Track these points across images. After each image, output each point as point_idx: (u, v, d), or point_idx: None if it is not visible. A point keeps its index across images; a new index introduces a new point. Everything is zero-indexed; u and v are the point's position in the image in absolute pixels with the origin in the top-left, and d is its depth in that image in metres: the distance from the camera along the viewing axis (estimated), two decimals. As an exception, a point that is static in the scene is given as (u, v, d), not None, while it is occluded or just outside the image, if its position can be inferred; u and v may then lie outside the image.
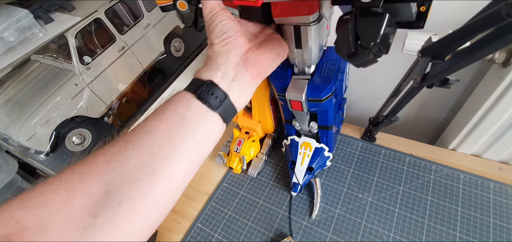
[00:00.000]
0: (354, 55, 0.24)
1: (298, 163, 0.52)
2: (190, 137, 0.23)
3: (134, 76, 0.65)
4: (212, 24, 0.27)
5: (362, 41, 0.23)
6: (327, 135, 0.49)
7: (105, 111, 0.60)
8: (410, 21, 0.24)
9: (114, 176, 0.20)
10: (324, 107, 0.41)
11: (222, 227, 0.53)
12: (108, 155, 0.21)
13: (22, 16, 0.49)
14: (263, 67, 0.29)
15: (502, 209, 0.45)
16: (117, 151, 0.21)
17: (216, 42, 0.27)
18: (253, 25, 0.32)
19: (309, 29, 0.33)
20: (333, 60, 0.41)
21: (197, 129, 0.24)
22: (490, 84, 0.46)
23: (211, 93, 0.25)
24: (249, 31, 0.31)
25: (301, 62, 0.39)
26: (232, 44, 0.27)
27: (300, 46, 0.35)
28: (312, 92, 0.39)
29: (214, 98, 0.25)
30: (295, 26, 0.33)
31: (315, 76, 0.40)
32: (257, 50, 0.29)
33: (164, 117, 0.23)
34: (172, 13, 0.36)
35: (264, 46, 0.29)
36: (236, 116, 0.58)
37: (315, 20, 0.31)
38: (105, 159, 0.20)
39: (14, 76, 0.57)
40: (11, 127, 0.50)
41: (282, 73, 0.42)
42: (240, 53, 0.27)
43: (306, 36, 0.33)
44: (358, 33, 0.23)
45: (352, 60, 0.25)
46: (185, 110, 0.24)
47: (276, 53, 0.30)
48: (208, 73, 0.26)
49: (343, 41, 0.25)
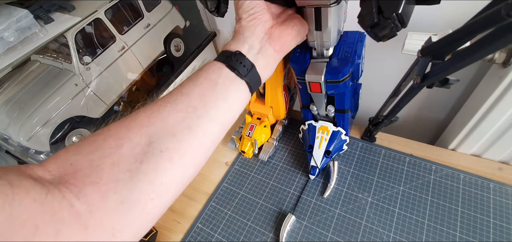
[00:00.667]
0: (377, 25, 0.27)
1: (315, 146, 0.53)
2: (222, 100, 0.26)
3: (134, 76, 0.65)
4: (241, 0, 0.29)
5: (385, 12, 0.26)
6: (344, 119, 0.51)
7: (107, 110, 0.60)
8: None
9: (155, 129, 0.22)
10: (342, 89, 0.43)
11: (222, 227, 0.53)
12: (149, 112, 0.23)
13: (22, 16, 0.49)
14: (285, 42, 0.32)
15: (502, 209, 0.45)
16: (157, 109, 0.24)
17: (244, 17, 0.29)
18: (276, 6, 0.34)
19: (329, 10, 0.34)
20: (350, 43, 0.42)
21: (228, 94, 0.27)
22: (490, 84, 0.47)
23: (240, 62, 0.28)
24: (272, 11, 0.33)
25: (320, 44, 0.40)
26: (258, 19, 0.29)
27: (319, 27, 0.37)
28: (331, 73, 0.40)
29: (242, 66, 0.28)
30: (316, 7, 0.34)
31: (333, 58, 0.41)
32: (280, 26, 0.31)
33: (198, 82, 0.26)
34: (172, 13, 0.37)
35: (286, 23, 0.32)
36: (248, 103, 0.60)
37: (335, 1, 0.33)
38: (147, 115, 0.23)
39: (14, 76, 0.57)
40: (11, 127, 0.50)
41: (301, 57, 0.43)
42: (265, 28, 0.30)
43: (326, 17, 0.35)
44: (381, 5, 0.26)
45: (374, 30, 0.28)
46: (216, 76, 0.26)
47: (297, 30, 0.33)
48: (236, 45, 0.29)
49: (367, 12, 0.27)
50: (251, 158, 0.62)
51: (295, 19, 0.33)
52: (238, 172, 0.61)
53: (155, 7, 0.66)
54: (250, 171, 0.60)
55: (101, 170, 0.20)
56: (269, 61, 0.30)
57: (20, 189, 0.16)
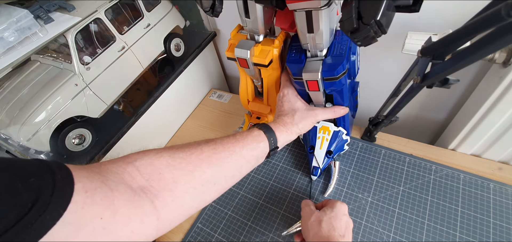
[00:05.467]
0: (356, 31, 0.28)
1: (317, 147, 0.53)
2: (255, 162, 0.40)
3: (134, 76, 0.65)
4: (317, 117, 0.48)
5: (364, 18, 0.27)
6: (344, 118, 0.51)
7: (106, 110, 0.60)
8: (408, 5, 0.28)
9: (217, 170, 0.34)
10: (339, 86, 0.43)
11: (222, 227, 0.53)
12: (216, 154, 0.34)
13: (22, 16, 0.49)
14: (305, 128, 0.46)
15: (502, 209, 0.45)
16: (220, 155, 0.35)
17: (300, 126, 0.46)
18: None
19: (320, 13, 0.34)
20: (344, 40, 0.43)
21: (260, 160, 0.41)
22: (490, 84, 0.46)
23: (274, 144, 0.41)
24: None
25: (313, 46, 0.41)
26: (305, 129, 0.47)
27: (311, 30, 0.37)
28: (327, 71, 0.41)
29: (273, 144, 0.41)
30: (307, 10, 0.35)
31: (328, 57, 0.42)
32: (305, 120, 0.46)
33: (248, 148, 0.38)
34: (172, 13, 0.38)
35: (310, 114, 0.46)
36: (247, 102, 0.61)
37: (325, 4, 0.33)
38: (215, 156, 0.34)
39: (14, 76, 0.57)
40: (11, 127, 0.50)
41: (297, 58, 0.44)
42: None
43: (317, 20, 0.35)
44: (361, 11, 0.27)
45: (354, 36, 0.28)
46: (259, 150, 0.40)
47: (315, 121, 0.48)
48: (278, 128, 0.43)
49: (347, 18, 0.28)
50: None
51: (317, 113, 0.47)
52: (238, 172, 0.61)
53: (155, 7, 0.66)
54: (250, 171, 0.60)
55: (178, 183, 0.30)
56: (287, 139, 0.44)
57: (118, 193, 0.24)
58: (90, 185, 0.23)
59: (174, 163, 0.30)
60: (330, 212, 0.40)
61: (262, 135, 0.40)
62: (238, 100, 0.64)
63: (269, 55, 0.46)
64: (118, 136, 0.60)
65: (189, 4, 0.77)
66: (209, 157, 0.33)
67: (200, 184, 0.32)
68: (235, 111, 0.78)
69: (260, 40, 0.47)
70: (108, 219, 0.23)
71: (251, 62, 0.47)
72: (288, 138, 0.43)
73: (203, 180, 0.32)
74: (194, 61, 0.76)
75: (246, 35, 0.49)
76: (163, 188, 0.28)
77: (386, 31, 0.27)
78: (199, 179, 0.32)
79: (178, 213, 0.30)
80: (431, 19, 0.48)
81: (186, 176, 0.31)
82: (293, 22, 0.43)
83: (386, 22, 0.26)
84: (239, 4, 0.42)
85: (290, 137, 0.43)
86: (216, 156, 0.34)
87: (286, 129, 0.43)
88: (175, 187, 0.29)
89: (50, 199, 0.19)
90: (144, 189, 0.27)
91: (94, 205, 0.22)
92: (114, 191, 0.24)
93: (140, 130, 0.65)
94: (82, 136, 0.57)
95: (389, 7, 0.26)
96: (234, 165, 0.36)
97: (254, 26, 0.44)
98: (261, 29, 0.45)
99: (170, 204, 0.29)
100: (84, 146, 0.57)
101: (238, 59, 0.47)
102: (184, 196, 0.30)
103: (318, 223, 0.39)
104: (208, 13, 0.42)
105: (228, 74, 0.97)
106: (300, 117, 0.45)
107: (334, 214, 0.39)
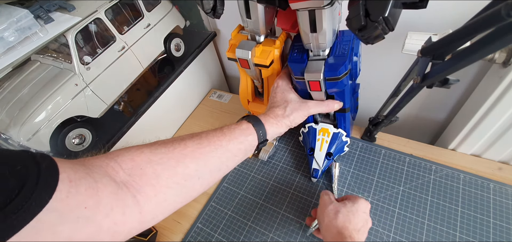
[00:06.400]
0: (364, 28, 0.28)
1: (317, 149, 0.53)
2: (243, 156, 0.39)
3: (134, 76, 0.65)
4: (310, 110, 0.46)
5: (372, 15, 0.27)
6: (344, 119, 0.51)
7: (106, 110, 0.60)
8: (415, 2, 0.27)
9: (201, 164, 0.33)
10: (341, 86, 0.43)
11: (222, 227, 0.53)
12: (200, 148, 0.34)
13: (22, 16, 0.49)
14: (295, 122, 0.44)
15: (502, 209, 0.45)
16: (205, 149, 0.34)
17: (291, 119, 0.44)
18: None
19: (323, 12, 0.34)
20: (347, 41, 0.43)
21: (249, 153, 0.39)
22: (490, 84, 0.46)
23: (262, 136, 0.40)
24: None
25: (316, 46, 0.40)
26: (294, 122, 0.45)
27: (314, 29, 0.37)
28: (329, 71, 0.41)
29: (262, 137, 0.40)
30: (310, 10, 0.35)
31: (330, 57, 0.42)
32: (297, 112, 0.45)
33: (235, 141, 0.37)
34: (172, 13, 0.38)
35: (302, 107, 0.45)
36: (247, 102, 0.61)
37: (328, 3, 0.33)
38: (199, 151, 0.33)
39: (14, 76, 0.57)
40: (11, 127, 0.50)
41: (299, 57, 0.43)
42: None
43: (320, 19, 0.35)
44: (368, 8, 0.27)
45: (362, 33, 0.28)
46: (247, 143, 0.38)
47: (306, 115, 0.46)
48: (268, 120, 0.42)
49: (355, 16, 0.28)
50: (251, 158, 0.62)
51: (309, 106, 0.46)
52: (238, 172, 0.61)
53: (155, 7, 0.66)
54: (250, 171, 0.60)
55: (160, 178, 0.30)
56: (277, 131, 0.43)
57: (102, 184, 0.25)
58: (75, 176, 0.23)
59: (156, 159, 0.30)
60: (350, 206, 0.39)
61: (250, 128, 0.39)
62: (238, 100, 0.64)
63: (270, 56, 0.46)
64: (118, 136, 0.60)
65: (189, 4, 0.77)
66: (192, 151, 0.33)
67: (183, 179, 0.32)
68: (235, 111, 0.78)
69: (261, 40, 0.47)
70: (92, 209, 0.23)
71: (252, 62, 0.47)
72: (278, 131, 0.42)
73: (186, 174, 0.32)
74: (194, 61, 0.76)
75: (246, 35, 0.49)
76: (145, 183, 0.29)
77: (394, 28, 0.27)
78: (182, 174, 0.31)
79: (162, 208, 0.31)
80: (431, 19, 0.49)
81: (168, 171, 0.30)
82: (294, 23, 0.43)
83: (393, 19, 0.26)
84: (240, 4, 0.42)
85: (280, 130, 0.43)
86: (200, 150, 0.34)
87: (277, 121, 0.42)
88: (157, 182, 0.29)
89: (35, 187, 0.20)
90: (126, 183, 0.28)
91: (78, 195, 0.22)
92: (98, 182, 0.25)
93: (140, 130, 0.65)
94: (82, 136, 0.57)
95: (396, 4, 0.26)
96: (220, 159, 0.35)
97: (255, 27, 0.44)
98: (262, 29, 0.45)
99: (152, 199, 0.29)
100: (84, 146, 0.57)
101: (239, 59, 0.47)
102: (167, 191, 0.30)
103: (335, 213, 0.39)
104: (209, 15, 0.42)
105: (228, 74, 0.97)
106: (291, 109, 0.44)
107: (355, 208, 0.39)
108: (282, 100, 0.45)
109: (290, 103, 0.44)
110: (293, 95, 0.46)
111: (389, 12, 0.25)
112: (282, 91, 0.46)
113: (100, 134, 0.60)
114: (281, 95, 0.45)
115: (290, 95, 0.45)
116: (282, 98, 0.45)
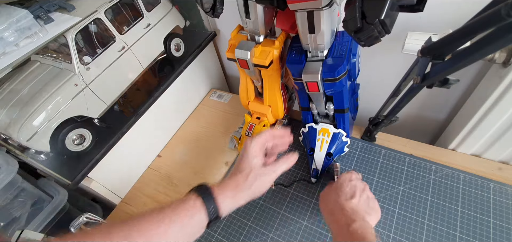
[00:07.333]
0: (360, 30, 0.28)
1: (317, 149, 0.53)
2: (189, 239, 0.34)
3: (134, 76, 0.65)
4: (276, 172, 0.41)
5: (368, 17, 0.26)
6: (344, 120, 0.51)
7: (106, 110, 0.60)
8: (412, 5, 0.27)
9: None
10: (339, 87, 0.43)
11: (222, 227, 0.53)
12: (148, 230, 0.31)
13: (22, 16, 0.49)
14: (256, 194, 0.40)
15: (502, 209, 0.45)
16: (156, 231, 0.31)
17: (256, 192, 0.40)
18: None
19: (321, 13, 0.34)
20: (345, 42, 0.42)
21: (196, 231, 0.35)
22: (490, 84, 0.46)
23: (214, 212, 0.35)
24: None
25: (314, 47, 0.40)
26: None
27: (313, 30, 0.37)
28: (327, 72, 0.41)
29: (213, 213, 0.35)
30: (308, 11, 0.35)
31: (328, 58, 0.42)
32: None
33: (180, 223, 0.33)
34: (172, 13, 0.37)
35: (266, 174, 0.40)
36: (247, 102, 0.61)
37: (326, 4, 0.33)
38: (148, 232, 0.31)
39: (14, 76, 0.57)
40: (11, 127, 0.50)
41: (297, 58, 0.43)
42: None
43: (319, 20, 0.35)
44: (364, 10, 0.27)
45: (358, 36, 0.28)
46: (193, 222, 0.34)
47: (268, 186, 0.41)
48: (222, 192, 0.37)
49: (351, 18, 0.28)
50: None
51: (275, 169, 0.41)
52: (238, 172, 0.61)
53: (155, 7, 0.66)
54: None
55: None
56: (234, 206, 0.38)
57: None
58: None
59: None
60: (335, 184, 0.41)
61: (198, 204, 0.34)
62: (238, 100, 0.64)
63: (269, 56, 0.46)
64: (118, 136, 0.60)
65: (189, 4, 0.77)
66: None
67: None
68: (235, 111, 0.78)
69: (260, 40, 0.47)
70: None
71: (252, 63, 0.47)
72: (234, 205, 0.38)
73: None
74: (194, 61, 0.76)
75: (246, 35, 0.49)
76: None
77: (390, 30, 0.27)
78: None
79: None
80: (431, 19, 0.48)
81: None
82: (293, 23, 0.43)
83: (390, 21, 0.26)
84: (240, 5, 0.42)
85: (238, 204, 0.38)
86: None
87: (235, 193, 0.38)
88: None
89: None
90: None
91: None
92: None
93: (140, 130, 0.65)
94: (82, 136, 0.57)
95: (393, 6, 0.26)
96: None
97: (255, 27, 0.44)
98: (261, 29, 0.45)
99: None
100: (84, 146, 0.57)
101: (238, 59, 0.47)
102: None
103: (352, 191, 0.40)
104: (209, 14, 0.42)
105: (228, 74, 0.97)
106: (255, 175, 0.39)
107: (339, 184, 0.41)
108: (246, 166, 0.40)
109: (253, 169, 0.40)
110: (257, 160, 0.40)
111: (385, 14, 0.25)
112: (247, 155, 0.41)
113: (100, 134, 0.60)
114: (246, 160, 0.41)
115: (254, 160, 0.40)
116: (246, 164, 0.40)
